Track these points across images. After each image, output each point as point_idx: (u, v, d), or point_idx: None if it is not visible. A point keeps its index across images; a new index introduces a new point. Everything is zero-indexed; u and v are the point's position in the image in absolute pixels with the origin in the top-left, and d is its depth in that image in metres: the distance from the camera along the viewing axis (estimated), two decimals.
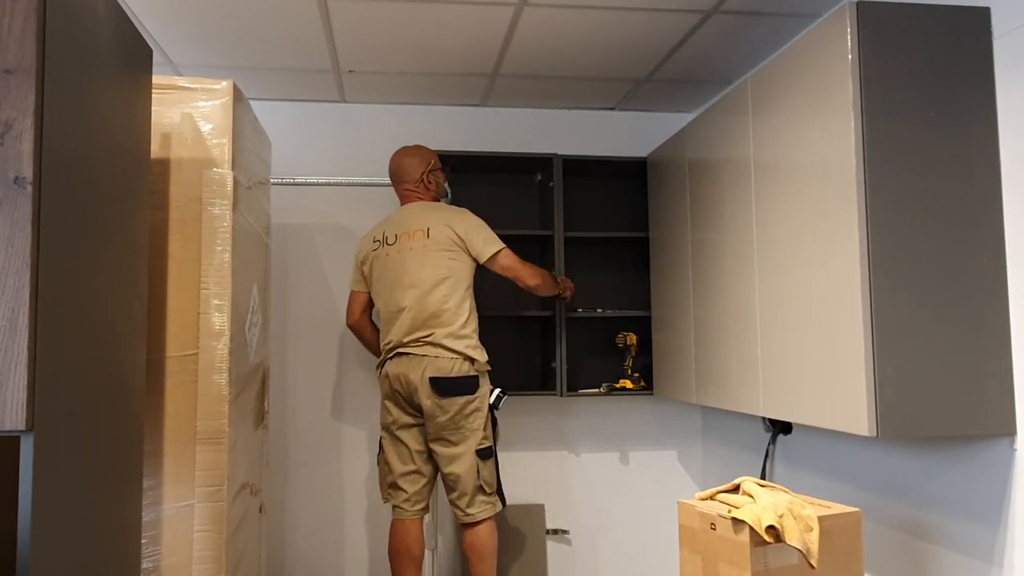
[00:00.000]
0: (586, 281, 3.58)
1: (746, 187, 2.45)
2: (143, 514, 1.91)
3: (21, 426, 1.18)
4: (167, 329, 2.06)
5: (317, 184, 3.54)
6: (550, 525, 3.53)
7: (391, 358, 2.83)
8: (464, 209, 2.94)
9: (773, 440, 2.95)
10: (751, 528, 1.73)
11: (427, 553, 3.24)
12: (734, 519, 1.77)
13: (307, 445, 3.46)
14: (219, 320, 2.10)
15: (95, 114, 1.45)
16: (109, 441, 1.56)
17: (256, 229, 2.54)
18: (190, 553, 2.03)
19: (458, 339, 2.76)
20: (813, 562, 1.74)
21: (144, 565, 1.97)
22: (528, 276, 2.92)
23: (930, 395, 1.82)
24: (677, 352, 3.06)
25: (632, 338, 3.41)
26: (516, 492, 3.47)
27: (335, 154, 3.58)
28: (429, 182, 3.00)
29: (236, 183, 2.16)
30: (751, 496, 1.86)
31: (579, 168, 3.51)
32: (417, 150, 3.03)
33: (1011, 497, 1.83)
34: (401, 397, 2.80)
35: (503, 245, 2.87)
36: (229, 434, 2.11)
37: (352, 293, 3.08)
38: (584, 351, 3.57)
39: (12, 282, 1.17)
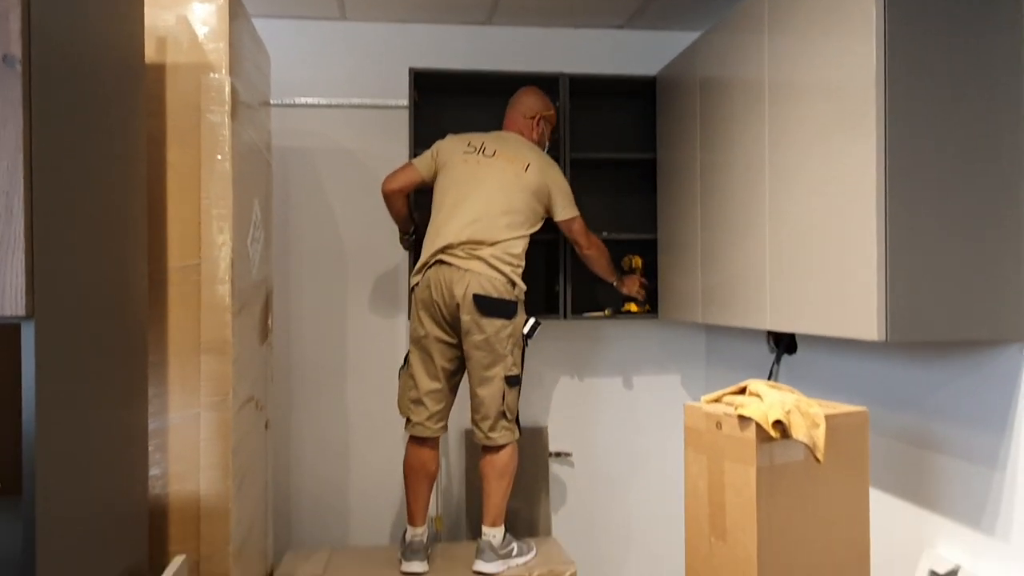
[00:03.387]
0: (591, 204, 3.53)
1: (760, 106, 2.39)
2: (149, 422, 1.91)
3: (21, 312, 1.16)
4: (168, 239, 2.04)
5: (318, 106, 3.47)
6: (553, 448, 3.56)
7: (433, 265, 2.79)
8: (557, 165, 3.05)
9: (777, 360, 2.95)
10: (757, 425, 1.73)
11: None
12: (740, 416, 1.76)
13: (311, 367, 3.48)
14: (220, 230, 2.07)
15: (85, 2, 1.40)
16: (112, 341, 1.55)
17: (258, 144, 2.49)
18: (197, 461, 2.05)
19: (504, 262, 2.77)
20: (819, 455, 1.75)
21: (152, 472, 1.99)
22: (589, 246, 3.07)
23: (941, 299, 1.80)
24: (683, 273, 3.04)
25: (637, 261, 3.39)
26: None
27: (336, 74, 3.50)
28: (537, 124, 3.09)
29: (235, 91, 2.11)
30: (758, 396, 1.85)
31: (586, 88, 3.42)
32: (543, 96, 3.14)
33: (1018, 402, 1.83)
34: (440, 309, 2.76)
35: (577, 213, 3.02)
36: (233, 345, 2.11)
37: (410, 165, 3.00)
38: (588, 275, 3.53)
39: (5, 164, 1.14)
